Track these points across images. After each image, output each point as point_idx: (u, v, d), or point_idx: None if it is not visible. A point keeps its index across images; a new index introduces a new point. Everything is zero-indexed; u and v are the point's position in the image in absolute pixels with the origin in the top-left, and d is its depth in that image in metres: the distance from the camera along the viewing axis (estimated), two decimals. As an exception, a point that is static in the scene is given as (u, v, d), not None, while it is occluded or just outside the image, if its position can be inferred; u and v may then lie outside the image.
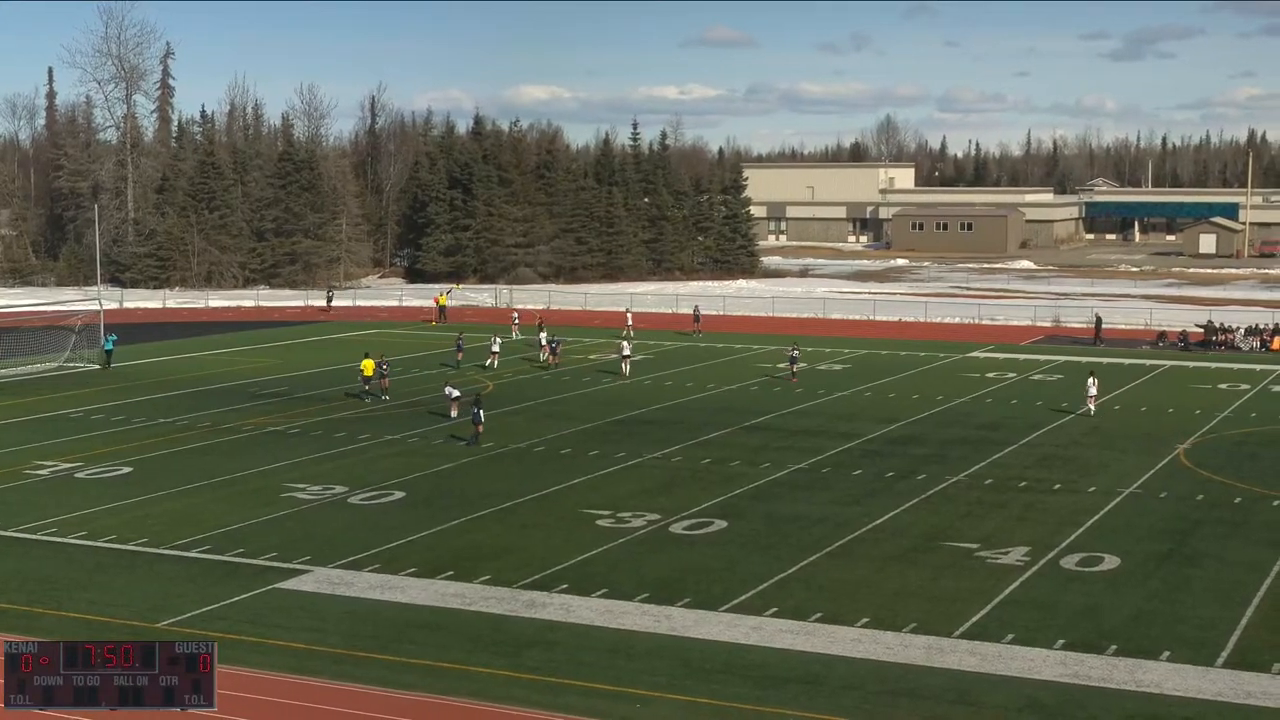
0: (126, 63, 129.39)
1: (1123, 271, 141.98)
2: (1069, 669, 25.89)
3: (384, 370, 58.19)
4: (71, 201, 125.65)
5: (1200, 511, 38.44)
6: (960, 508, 38.84)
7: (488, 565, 32.71)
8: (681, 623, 28.61)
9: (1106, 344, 78.20)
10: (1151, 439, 49.11)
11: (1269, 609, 29.63)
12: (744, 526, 36.58)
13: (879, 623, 28.51)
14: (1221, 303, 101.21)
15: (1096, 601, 30.06)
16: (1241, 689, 24.90)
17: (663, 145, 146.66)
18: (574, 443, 48.09)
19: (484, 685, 25.12)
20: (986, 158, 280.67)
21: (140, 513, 37.97)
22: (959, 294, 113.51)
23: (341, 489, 40.95)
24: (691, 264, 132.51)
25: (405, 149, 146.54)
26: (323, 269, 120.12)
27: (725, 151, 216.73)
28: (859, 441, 48.66)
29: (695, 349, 75.31)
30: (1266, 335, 76.71)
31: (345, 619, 28.87)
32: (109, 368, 66.62)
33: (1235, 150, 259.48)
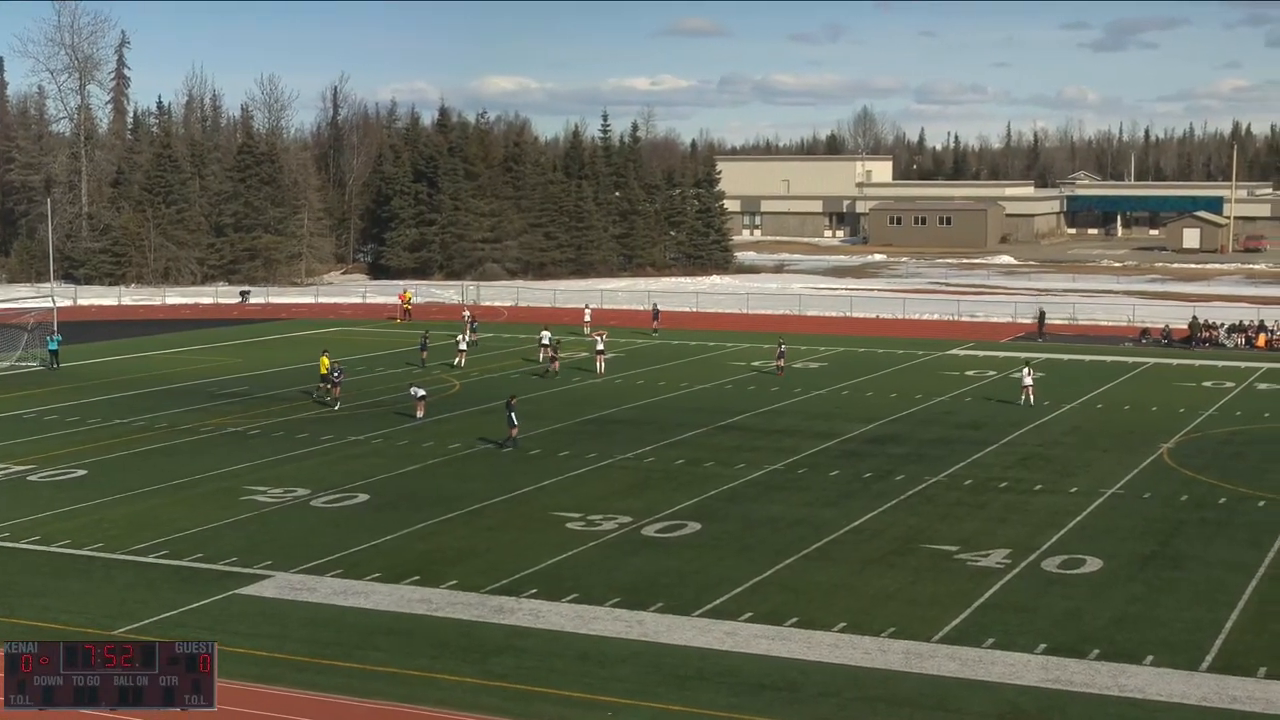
0: (80, 52, 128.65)
1: (1105, 267, 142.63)
2: (1050, 674, 25.98)
3: (336, 377, 56.02)
4: (23, 195, 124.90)
5: (1184, 512, 38.63)
6: (940, 509, 38.95)
7: (454, 570, 32.67)
8: (654, 628, 28.62)
9: (1047, 339, 79.05)
10: (1134, 438, 49.34)
11: (1254, 611, 29.80)
12: (718, 529, 36.60)
13: (856, 627, 28.56)
14: (1205, 299, 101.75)
15: (1079, 605, 30.18)
16: (1226, 693, 25.02)
17: (634, 138, 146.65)
18: (543, 443, 48.05)
19: (451, 693, 25.09)
20: (965, 150, 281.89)
21: (96, 516, 37.79)
22: (938, 290, 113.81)
23: (304, 491, 40.83)
24: (663, 260, 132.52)
25: (369, 141, 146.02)
26: (284, 265, 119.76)
27: (698, 144, 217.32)
28: (836, 441, 48.76)
29: (667, 347, 75.34)
30: (1251, 332, 77.15)
31: (308, 625, 28.79)
32: (57, 368, 66.15)
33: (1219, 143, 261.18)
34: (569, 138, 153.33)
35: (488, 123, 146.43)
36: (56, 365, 66.64)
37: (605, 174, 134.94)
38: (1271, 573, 32.67)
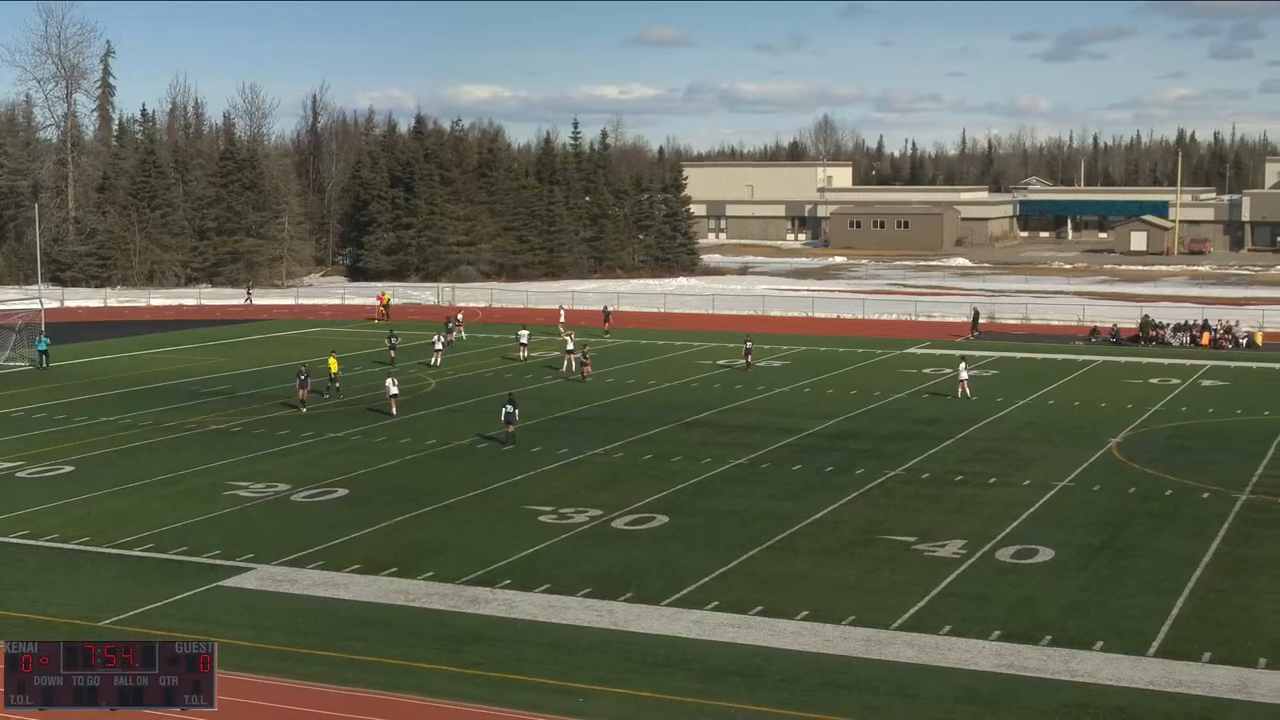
0: (66, 61, 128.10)
1: (1056, 268, 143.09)
2: (1005, 659, 26.08)
3: (302, 379, 54.14)
4: (11, 200, 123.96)
5: (1132, 504, 38.80)
6: (898, 501, 39.04)
7: (431, 562, 32.61)
8: (624, 617, 28.62)
9: (981, 337, 79.29)
10: (1085, 433, 49.53)
11: (1199, 599, 29.96)
12: (685, 521, 36.62)
13: (818, 615, 28.61)
14: (1152, 299, 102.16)
15: (1031, 593, 30.29)
16: (1173, 678, 25.16)
17: (603, 144, 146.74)
18: (517, 439, 47.95)
19: (427, 680, 25.04)
20: (922, 157, 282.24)
21: (82, 511, 37.60)
22: (896, 291, 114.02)
23: (284, 487, 40.69)
24: (632, 262, 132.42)
25: (347, 148, 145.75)
26: (265, 267, 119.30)
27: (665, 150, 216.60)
28: (798, 437, 48.83)
29: (635, 346, 75.28)
30: (1196, 331, 77.56)
31: (289, 616, 28.70)
32: (45, 368, 65.75)
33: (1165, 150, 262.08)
34: (541, 144, 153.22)
35: (462, 130, 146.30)
36: (45, 365, 66.24)
37: (576, 179, 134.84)
38: (1215, 562, 32.86)
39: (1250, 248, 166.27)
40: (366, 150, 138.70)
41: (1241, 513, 37.74)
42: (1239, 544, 34.51)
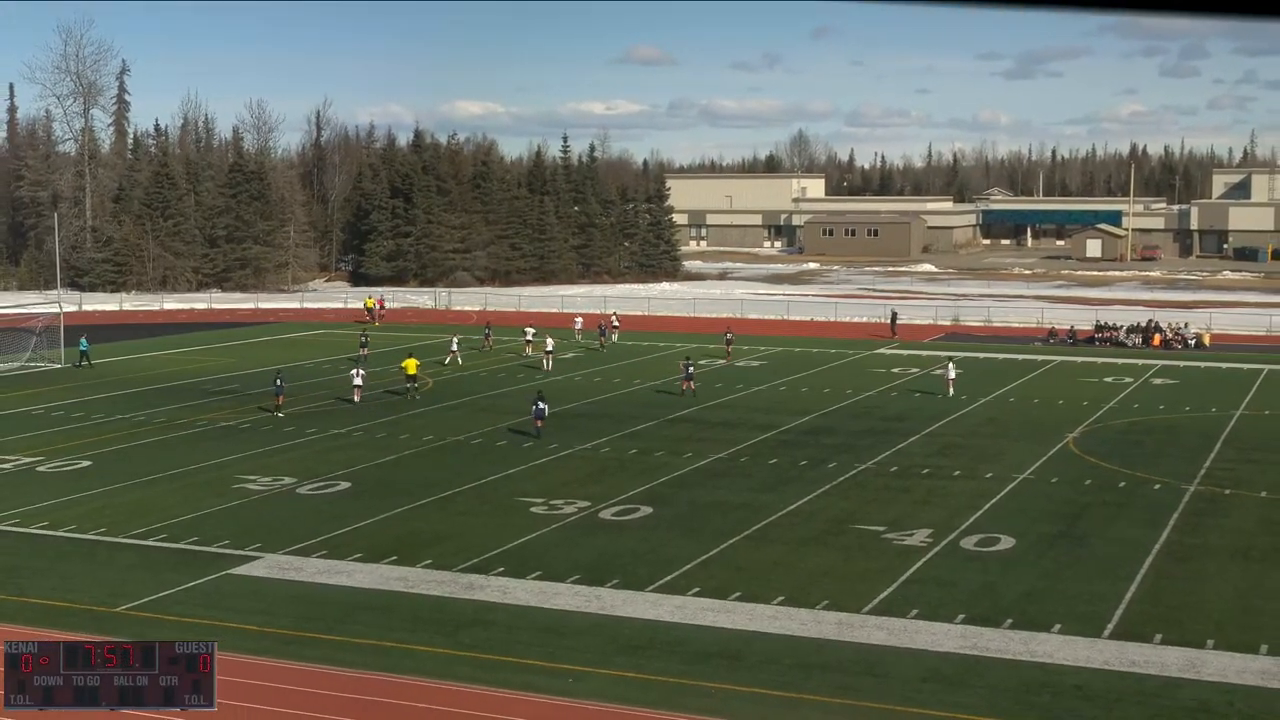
0: (84, 79, 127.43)
1: (1016, 274, 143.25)
2: (968, 641, 26.10)
3: (279, 385, 52.55)
4: (32, 210, 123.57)
5: (1088, 495, 38.88)
6: (868, 493, 39.07)
7: (429, 550, 32.55)
8: (611, 602, 28.60)
9: (900, 340, 79.10)
10: (1043, 429, 49.61)
11: (1151, 584, 30.02)
12: (668, 512, 36.60)
13: (794, 600, 28.61)
14: (1106, 302, 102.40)
15: (994, 579, 30.33)
16: (1126, 658, 25.21)
17: (591, 157, 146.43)
18: (510, 435, 47.93)
19: (425, 663, 25.00)
20: (891, 169, 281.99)
21: (99, 504, 37.47)
22: (866, 295, 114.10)
23: (290, 480, 40.60)
24: (618, 268, 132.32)
25: (349, 160, 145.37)
26: (271, 273, 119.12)
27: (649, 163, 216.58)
28: (775, 433, 48.83)
29: (621, 347, 75.20)
30: (1147, 332, 77.73)
31: (294, 602, 28.64)
32: (88, 366, 65.30)
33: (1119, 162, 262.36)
34: (532, 157, 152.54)
35: (458, 144, 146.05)
36: (87, 364, 65.70)
37: (565, 190, 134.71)
38: (1166, 549, 32.94)
39: (1198, 254, 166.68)
40: (367, 163, 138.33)
41: (1190, 503, 37.85)
42: (1188, 532, 34.61)
